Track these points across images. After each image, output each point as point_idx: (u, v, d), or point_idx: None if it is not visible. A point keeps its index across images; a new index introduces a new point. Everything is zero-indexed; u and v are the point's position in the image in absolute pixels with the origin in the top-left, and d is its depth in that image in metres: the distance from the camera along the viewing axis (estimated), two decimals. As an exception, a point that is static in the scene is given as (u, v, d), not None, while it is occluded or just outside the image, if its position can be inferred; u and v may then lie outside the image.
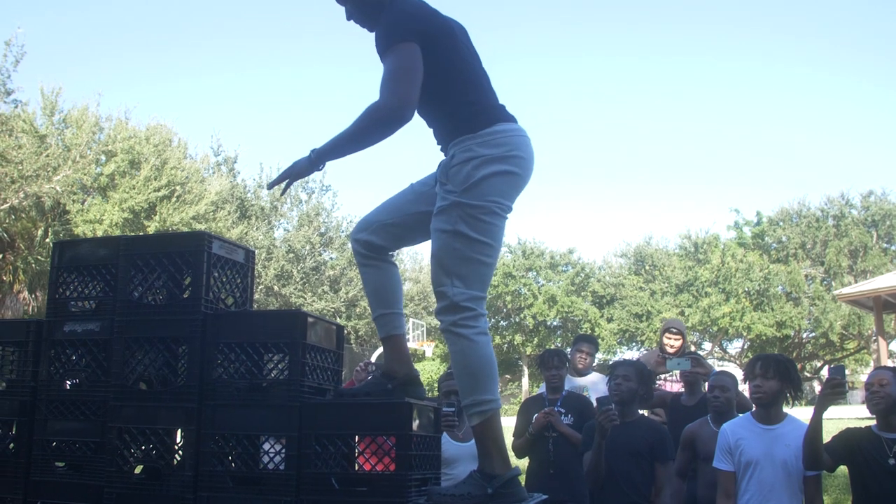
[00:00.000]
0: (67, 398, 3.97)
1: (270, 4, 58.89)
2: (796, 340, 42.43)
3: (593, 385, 7.24)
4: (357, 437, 3.80)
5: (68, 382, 4.08)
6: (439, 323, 3.53)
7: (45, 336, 4.08)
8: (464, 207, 3.41)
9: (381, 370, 3.76)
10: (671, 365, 6.15)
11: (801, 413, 4.94)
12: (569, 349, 8.31)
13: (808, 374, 43.82)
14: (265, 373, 3.82)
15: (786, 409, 4.87)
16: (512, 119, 3.62)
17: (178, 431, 3.78)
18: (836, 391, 4.40)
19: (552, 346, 40.93)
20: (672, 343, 7.39)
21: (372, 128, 3.40)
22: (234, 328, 3.79)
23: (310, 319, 3.75)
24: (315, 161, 3.50)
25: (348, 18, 3.79)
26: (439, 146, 3.66)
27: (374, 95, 3.42)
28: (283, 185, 3.60)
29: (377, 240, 3.70)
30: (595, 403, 5.29)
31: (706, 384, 6.18)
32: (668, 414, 6.55)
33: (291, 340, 3.67)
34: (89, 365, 4.00)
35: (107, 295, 4.04)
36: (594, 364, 7.81)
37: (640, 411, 5.78)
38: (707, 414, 5.67)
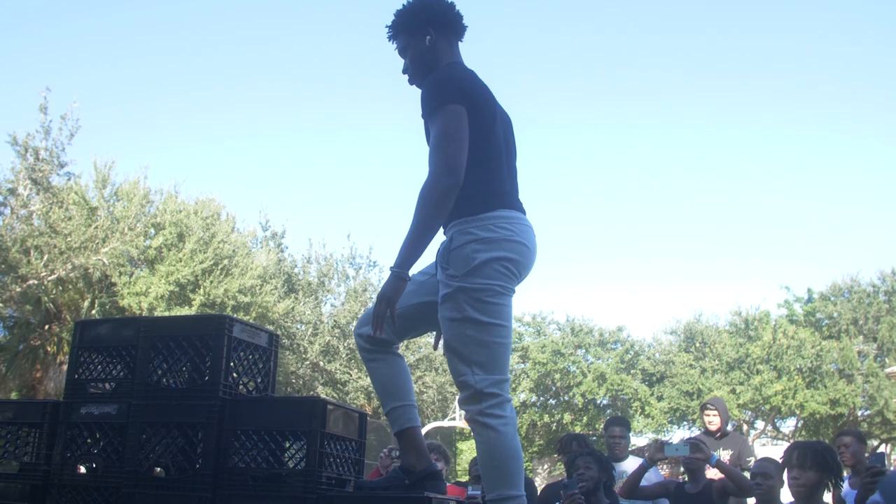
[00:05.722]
0: (80, 483, 3.86)
1: (310, 83, 59.83)
2: (851, 418, 41.33)
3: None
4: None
5: (83, 467, 3.97)
6: (465, 413, 3.39)
7: (62, 418, 3.99)
8: (468, 292, 3.30)
9: (400, 465, 3.61)
10: (670, 451, 5.89)
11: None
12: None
13: (866, 454, 42.51)
14: (283, 461, 3.68)
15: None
16: (519, 209, 3.53)
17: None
18: (876, 480, 4.20)
19: (599, 425, 40.41)
20: (711, 420, 7.24)
21: (433, 210, 3.29)
22: (252, 414, 3.67)
23: (329, 407, 3.62)
24: (399, 274, 3.32)
25: (404, 72, 3.75)
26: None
27: (422, 167, 3.32)
28: (387, 318, 3.34)
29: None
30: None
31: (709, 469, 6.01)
32: (672, 503, 6.30)
33: (310, 429, 3.53)
34: (104, 449, 3.89)
35: (126, 377, 3.95)
36: (629, 447, 7.55)
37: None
38: (713, 501, 5.65)
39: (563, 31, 59.05)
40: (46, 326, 20.91)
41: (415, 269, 3.61)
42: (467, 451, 37.89)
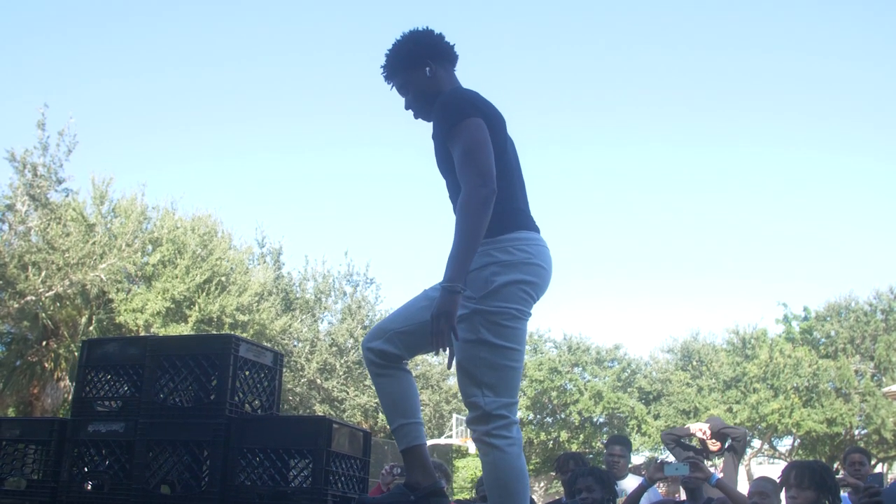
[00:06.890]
0: (87, 501, 3.89)
1: (308, 104, 59.75)
2: (847, 437, 41.28)
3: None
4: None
5: (90, 484, 4.00)
6: (471, 432, 3.41)
7: (69, 436, 4.01)
8: (484, 314, 3.31)
9: (405, 482, 3.62)
10: (669, 470, 5.90)
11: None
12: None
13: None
14: (289, 479, 3.71)
15: None
16: (534, 228, 3.55)
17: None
18: (873, 501, 4.22)
19: (596, 443, 40.32)
20: (714, 441, 7.28)
21: (476, 219, 3.26)
22: (257, 433, 3.70)
23: (335, 426, 3.65)
24: (451, 288, 3.22)
25: (407, 108, 3.75)
26: None
27: (420, 183, 3.31)
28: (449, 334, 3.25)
29: (391, 348, 3.57)
30: None
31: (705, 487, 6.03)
32: None
33: (315, 447, 3.57)
34: (111, 467, 3.92)
35: (133, 395, 3.98)
36: (629, 466, 7.58)
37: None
38: None
39: (559, 48, 59.32)
40: (44, 343, 20.90)
41: (426, 286, 3.63)
42: (463, 468, 37.83)
